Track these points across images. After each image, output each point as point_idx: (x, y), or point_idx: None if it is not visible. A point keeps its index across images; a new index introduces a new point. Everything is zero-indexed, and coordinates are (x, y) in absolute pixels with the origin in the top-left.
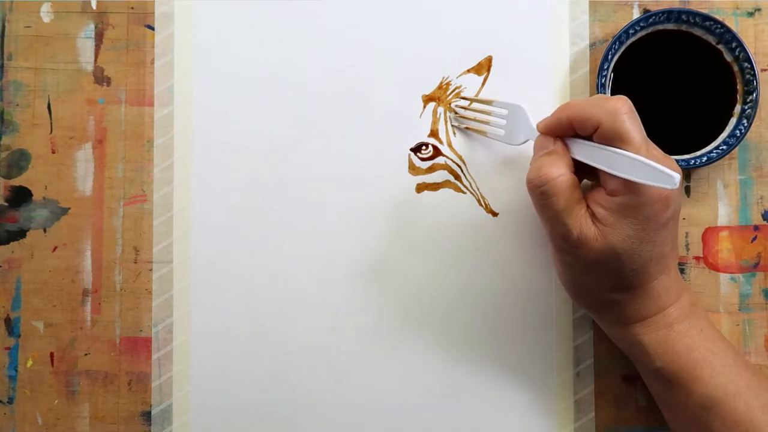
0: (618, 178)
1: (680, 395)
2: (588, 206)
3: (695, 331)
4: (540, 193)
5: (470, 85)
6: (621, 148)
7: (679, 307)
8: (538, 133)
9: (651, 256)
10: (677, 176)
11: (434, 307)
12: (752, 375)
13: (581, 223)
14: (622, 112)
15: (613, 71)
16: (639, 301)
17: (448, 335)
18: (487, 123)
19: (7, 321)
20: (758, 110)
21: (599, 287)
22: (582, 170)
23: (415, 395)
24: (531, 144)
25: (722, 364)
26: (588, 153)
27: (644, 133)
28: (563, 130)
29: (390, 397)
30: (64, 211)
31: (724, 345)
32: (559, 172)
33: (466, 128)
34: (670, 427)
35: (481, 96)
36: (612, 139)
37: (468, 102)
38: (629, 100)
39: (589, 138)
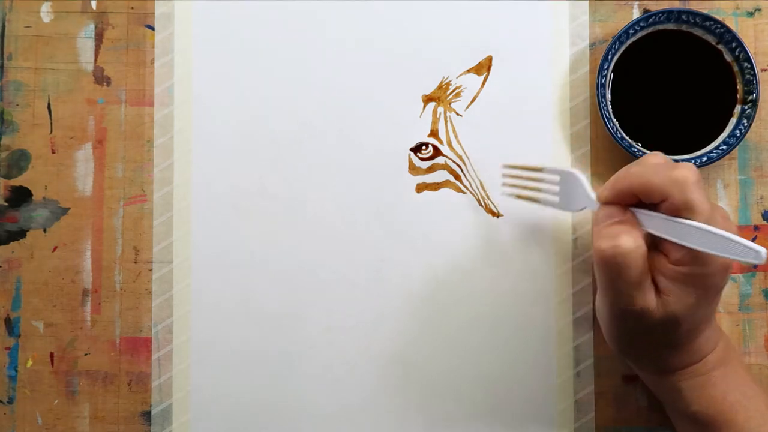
0: (684, 248)
1: None
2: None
3: (731, 376)
4: (614, 264)
5: (470, 85)
6: (689, 218)
7: (716, 354)
8: (595, 201)
9: (704, 316)
10: (764, 251)
11: (434, 307)
12: None
13: (645, 296)
14: (690, 182)
15: (613, 71)
16: (684, 354)
17: (447, 335)
18: (538, 190)
19: (7, 321)
20: (758, 110)
21: (648, 345)
22: None
23: (414, 395)
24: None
25: (755, 408)
26: (657, 224)
27: (710, 200)
28: (626, 200)
29: (390, 397)
30: (64, 211)
31: (756, 389)
32: (635, 244)
33: (518, 197)
34: None
35: (528, 164)
36: (681, 211)
37: (516, 169)
38: (696, 169)
39: (652, 206)
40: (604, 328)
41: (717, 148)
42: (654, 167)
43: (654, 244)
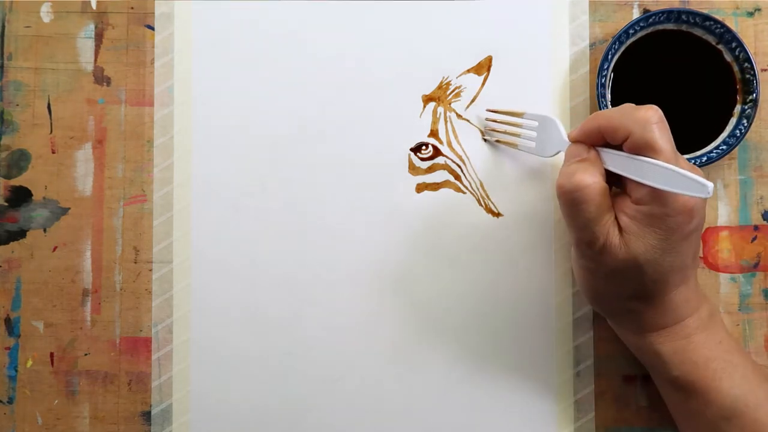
0: (645, 187)
1: (698, 405)
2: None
3: (714, 342)
4: (572, 199)
5: (470, 85)
6: (651, 158)
7: (698, 318)
8: (566, 141)
9: (672, 266)
10: (710, 185)
11: (434, 307)
12: None
13: (608, 232)
14: (652, 121)
15: (613, 71)
16: (657, 311)
17: (447, 335)
18: (517, 135)
19: (7, 321)
20: (758, 110)
21: (618, 295)
22: (608, 178)
23: (414, 395)
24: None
25: (741, 375)
26: (619, 162)
27: (673, 143)
28: (594, 140)
29: (389, 397)
30: (64, 211)
31: (743, 356)
32: (592, 180)
33: (497, 141)
34: None
35: (512, 108)
36: (642, 148)
37: (498, 114)
38: (659, 110)
39: (619, 147)
40: (577, 276)
41: (717, 148)
42: (621, 108)
43: (622, 186)
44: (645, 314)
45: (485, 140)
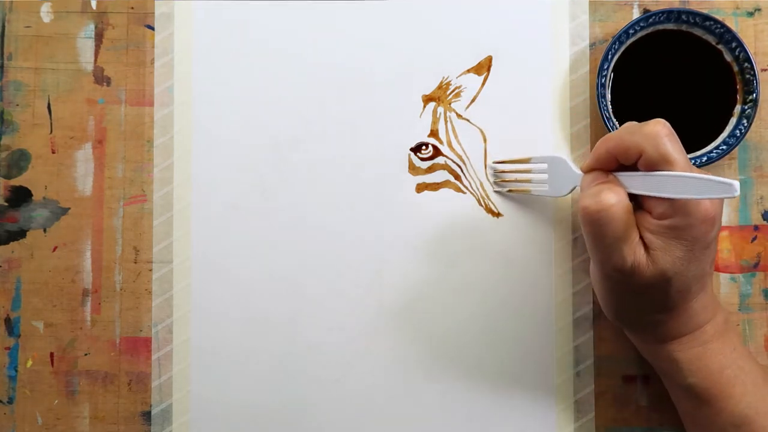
0: (665, 201)
1: (710, 412)
2: None
3: (728, 349)
4: (598, 219)
5: (470, 85)
6: (667, 170)
7: (714, 325)
8: (579, 173)
9: (695, 275)
10: (736, 183)
11: (434, 307)
12: None
13: (635, 251)
14: (662, 135)
15: (613, 71)
16: (680, 320)
17: (447, 335)
18: (528, 181)
19: (7, 321)
20: (758, 110)
21: (643, 310)
22: None
23: (414, 394)
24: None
25: (753, 383)
26: (636, 182)
27: (685, 153)
28: (606, 165)
29: (389, 397)
30: (64, 211)
31: (754, 364)
32: (617, 198)
33: (509, 191)
34: None
35: (517, 156)
36: (657, 163)
37: (504, 164)
38: (667, 123)
39: (630, 168)
40: (599, 295)
41: (717, 148)
42: (627, 128)
43: (639, 204)
44: (666, 324)
45: (496, 192)
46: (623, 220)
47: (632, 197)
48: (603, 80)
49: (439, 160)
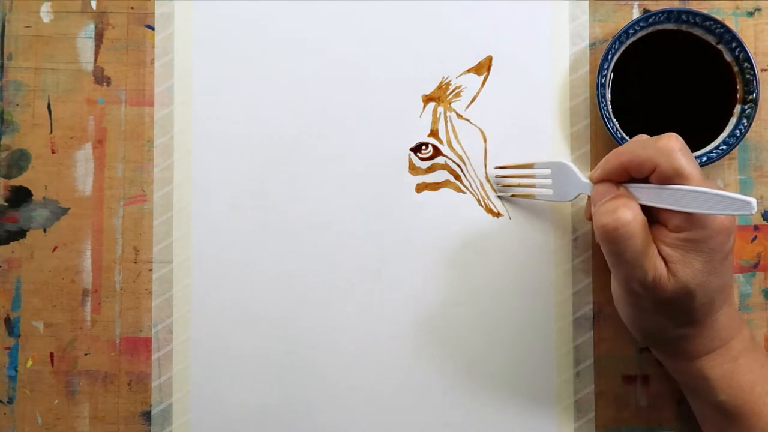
0: (681, 214)
1: (740, 430)
2: None
3: (758, 365)
4: (617, 236)
5: (470, 85)
6: (680, 184)
7: (741, 340)
8: (589, 184)
9: (717, 287)
10: (754, 201)
11: (434, 307)
12: None
13: (655, 265)
14: (676, 149)
15: (613, 71)
16: (705, 334)
17: (447, 335)
18: (532, 186)
19: (7, 321)
20: (758, 110)
21: (668, 325)
22: None
23: (414, 393)
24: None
25: None
26: (650, 195)
27: (698, 165)
28: (617, 177)
29: (389, 397)
30: (64, 211)
31: None
32: (633, 214)
33: (513, 195)
34: None
35: (520, 161)
36: (672, 177)
37: (507, 169)
38: (680, 137)
39: (644, 180)
40: (624, 316)
41: (717, 148)
42: (640, 142)
43: (653, 217)
44: (695, 339)
45: (500, 197)
46: (641, 235)
47: (644, 210)
48: (603, 80)
49: (439, 160)
